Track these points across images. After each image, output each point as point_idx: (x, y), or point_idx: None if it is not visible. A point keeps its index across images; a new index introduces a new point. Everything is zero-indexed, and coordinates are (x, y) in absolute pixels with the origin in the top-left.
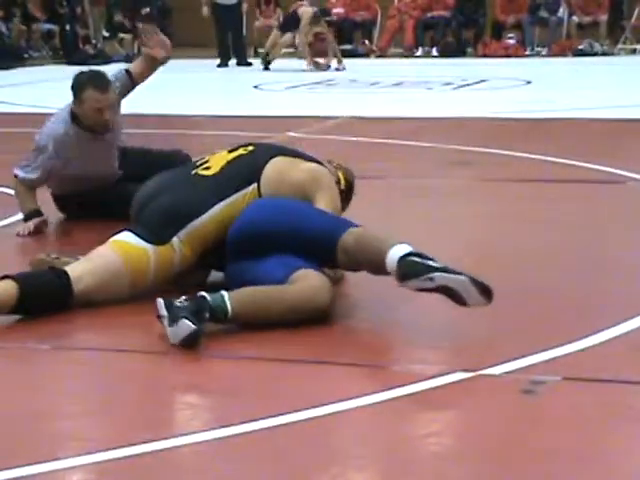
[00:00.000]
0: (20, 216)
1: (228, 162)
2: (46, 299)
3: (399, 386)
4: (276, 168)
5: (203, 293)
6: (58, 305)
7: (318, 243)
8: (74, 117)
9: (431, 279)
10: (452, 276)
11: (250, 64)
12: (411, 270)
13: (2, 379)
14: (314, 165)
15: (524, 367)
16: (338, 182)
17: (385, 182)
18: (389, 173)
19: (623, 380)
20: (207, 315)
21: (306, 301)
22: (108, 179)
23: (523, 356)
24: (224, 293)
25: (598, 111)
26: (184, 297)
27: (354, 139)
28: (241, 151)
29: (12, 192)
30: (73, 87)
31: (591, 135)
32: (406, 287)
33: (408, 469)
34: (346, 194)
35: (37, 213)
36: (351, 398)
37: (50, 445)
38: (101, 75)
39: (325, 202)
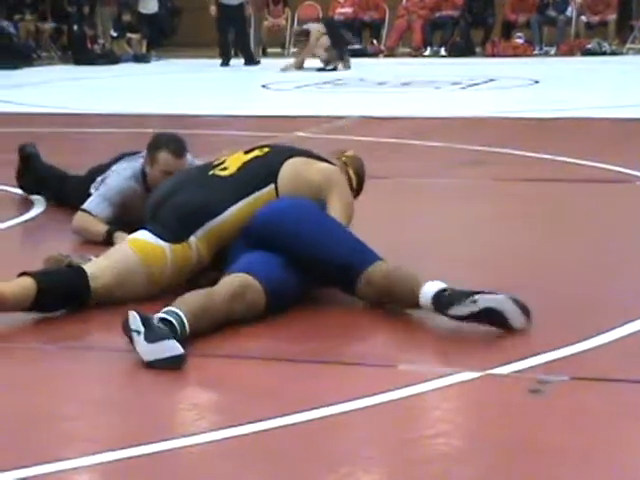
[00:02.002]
0: (25, 217)
1: (244, 163)
2: (64, 296)
3: (407, 386)
4: (292, 169)
5: (168, 317)
6: (75, 302)
7: (340, 268)
8: (144, 175)
9: (474, 301)
10: (493, 296)
11: (258, 62)
12: (454, 297)
13: (9, 379)
14: (328, 166)
15: (531, 367)
16: (349, 179)
17: (393, 182)
18: (397, 173)
19: (630, 379)
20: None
21: (229, 306)
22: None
23: (530, 356)
24: (181, 314)
25: (606, 110)
26: (159, 317)
27: (362, 139)
28: (257, 152)
29: (19, 191)
30: (149, 146)
31: (600, 134)
32: (451, 316)
33: (416, 469)
34: (357, 189)
35: (115, 229)
36: (359, 398)
37: (56, 445)
38: (179, 140)
39: (339, 203)
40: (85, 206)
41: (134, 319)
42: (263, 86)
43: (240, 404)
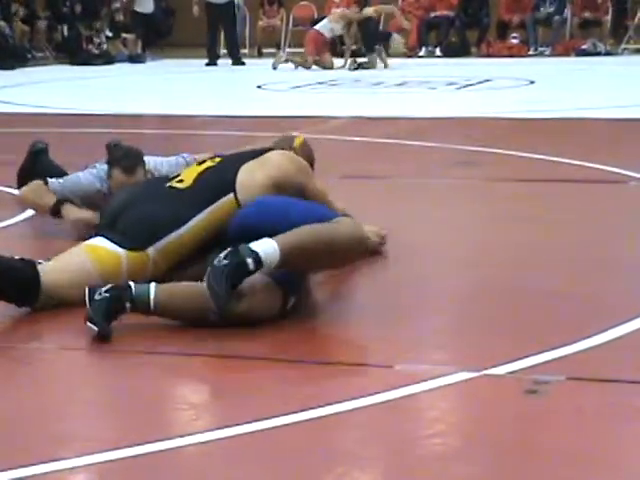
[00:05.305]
0: (23, 216)
1: (199, 174)
2: (13, 283)
3: (403, 386)
4: (249, 175)
5: (130, 283)
6: (23, 294)
7: None
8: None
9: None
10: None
11: (243, 63)
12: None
13: (6, 379)
14: (280, 160)
15: (528, 367)
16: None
17: (388, 182)
18: (392, 173)
19: (627, 380)
20: (128, 306)
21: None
22: None
23: (527, 356)
24: (152, 284)
25: (601, 111)
26: (109, 285)
27: (358, 139)
28: (209, 163)
29: (15, 192)
30: (107, 160)
31: (594, 135)
32: None
33: (413, 469)
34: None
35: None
36: (355, 398)
37: (53, 445)
38: (132, 156)
39: (314, 188)
40: (48, 179)
41: (86, 295)
42: (258, 86)
43: (237, 404)
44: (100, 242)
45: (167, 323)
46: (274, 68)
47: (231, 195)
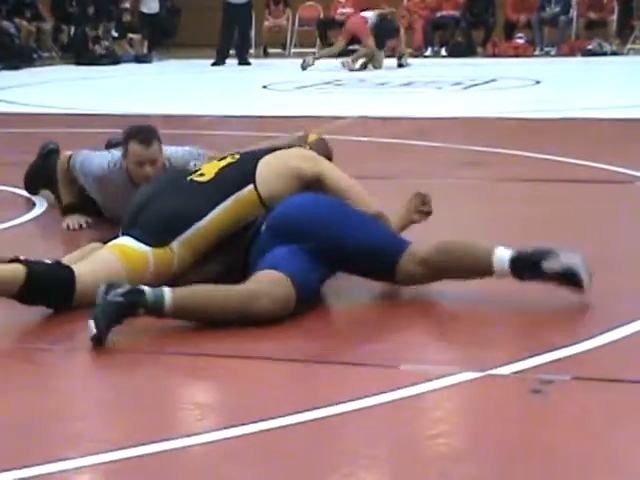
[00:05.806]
0: (26, 217)
1: (220, 169)
2: (50, 290)
3: (408, 386)
4: (268, 166)
5: (143, 287)
6: (61, 297)
7: (380, 251)
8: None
9: (557, 255)
10: (571, 255)
11: (249, 63)
12: (537, 255)
13: (13, 380)
14: (298, 151)
15: (533, 367)
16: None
17: (394, 182)
18: (398, 173)
19: (632, 380)
20: (141, 310)
21: (243, 304)
22: None
23: (532, 356)
24: (165, 288)
25: (607, 111)
26: (126, 288)
27: (363, 139)
28: (229, 159)
29: (21, 192)
30: (122, 140)
31: (600, 135)
32: (534, 277)
33: (417, 469)
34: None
35: (74, 208)
36: (360, 398)
37: (59, 445)
38: (148, 130)
39: (335, 176)
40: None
41: (100, 291)
42: (264, 86)
43: (242, 404)
44: (125, 241)
45: (172, 323)
46: (303, 69)
47: (251, 186)
